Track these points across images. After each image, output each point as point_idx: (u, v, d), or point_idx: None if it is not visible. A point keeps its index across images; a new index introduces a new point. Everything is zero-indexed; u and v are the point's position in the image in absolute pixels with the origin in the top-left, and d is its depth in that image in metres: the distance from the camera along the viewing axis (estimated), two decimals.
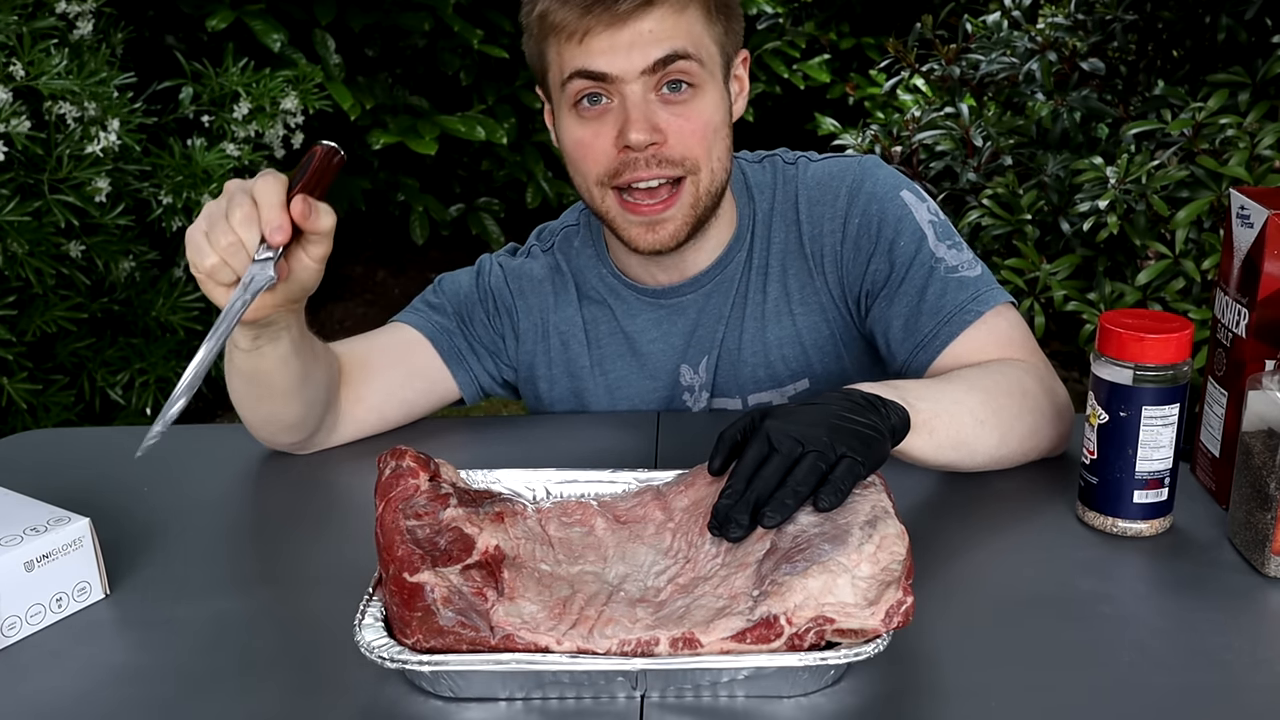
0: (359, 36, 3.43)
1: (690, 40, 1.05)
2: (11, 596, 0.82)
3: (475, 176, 3.91)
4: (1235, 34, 2.27)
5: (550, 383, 1.25)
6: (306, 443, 1.13)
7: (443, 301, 1.23)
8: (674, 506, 0.85)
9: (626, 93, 1.04)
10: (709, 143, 1.08)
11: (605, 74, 1.04)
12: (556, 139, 1.13)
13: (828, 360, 1.20)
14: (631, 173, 1.07)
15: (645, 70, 1.04)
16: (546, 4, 1.05)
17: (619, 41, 1.03)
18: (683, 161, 1.07)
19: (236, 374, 1.04)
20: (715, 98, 1.08)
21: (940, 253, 1.11)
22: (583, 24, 1.03)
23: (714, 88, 1.08)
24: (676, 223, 1.10)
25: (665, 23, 1.03)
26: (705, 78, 1.07)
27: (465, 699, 0.75)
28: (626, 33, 1.02)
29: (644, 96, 1.05)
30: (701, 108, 1.07)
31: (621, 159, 1.06)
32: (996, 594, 0.87)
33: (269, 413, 1.07)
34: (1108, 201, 2.05)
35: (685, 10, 1.04)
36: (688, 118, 1.06)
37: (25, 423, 2.29)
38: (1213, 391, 0.98)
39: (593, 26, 1.02)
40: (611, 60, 1.03)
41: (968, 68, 2.63)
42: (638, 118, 1.04)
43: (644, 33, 1.03)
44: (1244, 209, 0.93)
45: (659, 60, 1.03)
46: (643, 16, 1.02)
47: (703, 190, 1.10)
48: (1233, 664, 0.77)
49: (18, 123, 2.07)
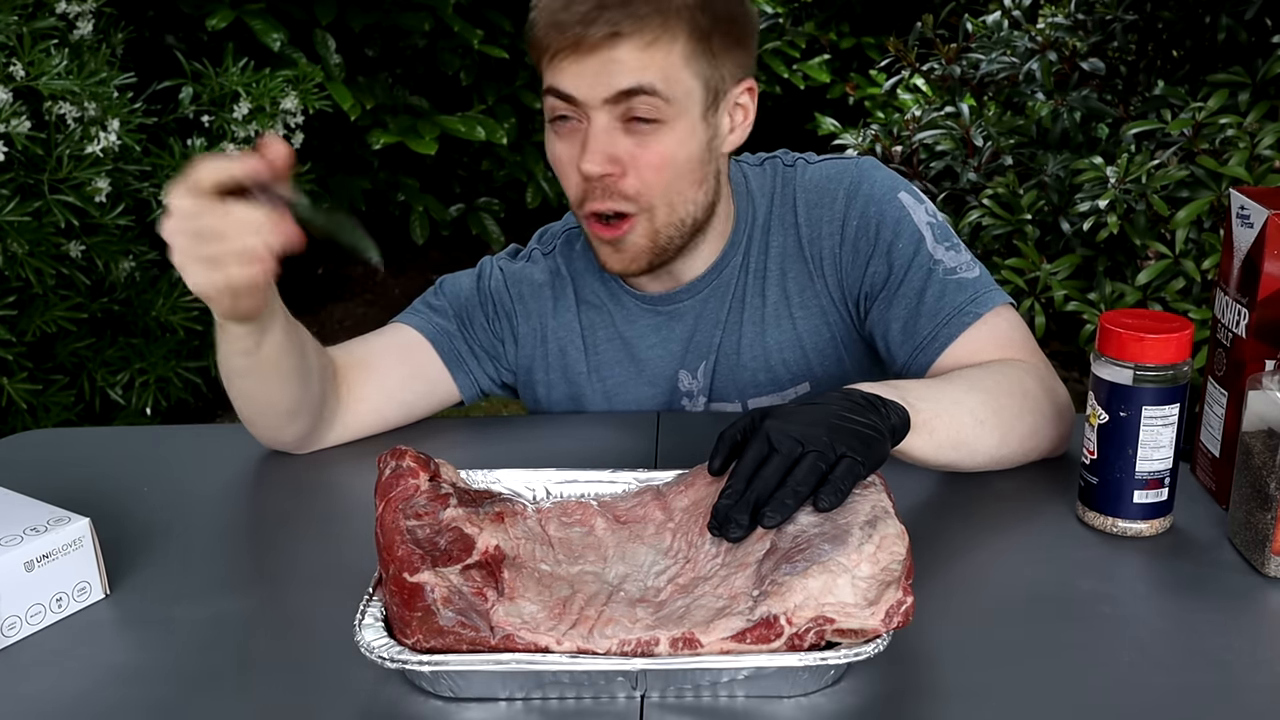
0: (359, 36, 3.43)
1: (660, 75, 1.03)
2: (11, 596, 0.82)
3: (475, 176, 3.91)
4: (1235, 34, 2.27)
5: (548, 387, 1.25)
6: (306, 438, 1.12)
7: (443, 303, 1.23)
8: (674, 506, 0.85)
9: (592, 117, 1.05)
10: (667, 180, 1.07)
11: (572, 96, 1.04)
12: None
13: (828, 363, 1.20)
14: (591, 203, 1.08)
15: (608, 99, 1.03)
16: (535, 15, 1.06)
17: (585, 67, 1.03)
18: (636, 198, 1.07)
19: (245, 376, 1.04)
20: (683, 134, 1.07)
21: (939, 254, 1.11)
22: (555, 43, 1.03)
23: (684, 123, 1.07)
24: (635, 249, 1.11)
25: (635, 55, 1.02)
26: (674, 114, 1.05)
27: (465, 699, 0.75)
28: (594, 60, 1.02)
29: (608, 124, 1.05)
30: (665, 143, 1.06)
31: (585, 187, 1.08)
32: (996, 594, 0.87)
33: (273, 400, 1.06)
34: (1108, 201, 2.05)
35: (657, 44, 1.03)
36: (649, 149, 1.06)
37: (25, 423, 2.29)
38: (1213, 391, 0.98)
39: (563, 48, 1.03)
40: (578, 85, 1.03)
41: (968, 67, 2.63)
42: (594, 148, 1.05)
43: (611, 61, 1.02)
44: (1244, 209, 0.93)
45: (622, 92, 1.03)
46: (612, 46, 1.02)
47: (659, 225, 1.10)
48: (1233, 664, 0.77)
49: (18, 123, 2.07)
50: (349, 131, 3.46)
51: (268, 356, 1.01)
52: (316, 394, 1.09)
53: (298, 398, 1.07)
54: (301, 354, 1.04)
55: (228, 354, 1.01)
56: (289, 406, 1.08)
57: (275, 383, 1.04)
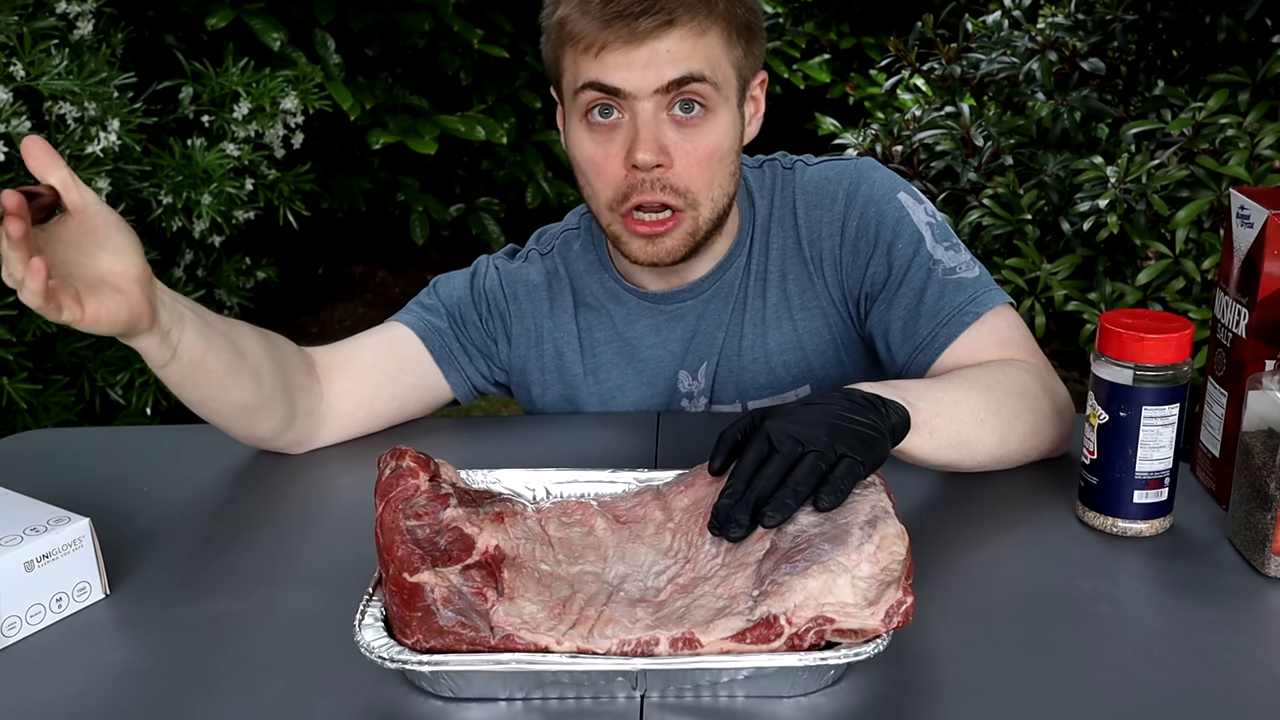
0: (359, 36, 3.43)
1: (708, 63, 1.04)
2: (11, 596, 0.82)
3: (475, 176, 3.91)
4: (1235, 34, 2.27)
5: (543, 388, 1.25)
6: (289, 436, 1.11)
7: (436, 302, 1.23)
8: (674, 506, 0.85)
9: (638, 109, 1.04)
10: (711, 171, 1.08)
11: (619, 89, 1.03)
12: (565, 143, 1.13)
13: (828, 364, 1.19)
14: (638, 196, 1.07)
15: (659, 89, 1.03)
16: (566, 10, 1.04)
17: (635, 58, 1.02)
18: (685, 193, 1.07)
19: (181, 386, 1.02)
20: (727, 122, 1.08)
21: (938, 254, 1.11)
22: (601, 37, 1.02)
23: (726, 112, 1.08)
24: (675, 241, 1.10)
25: (684, 44, 1.03)
26: (719, 101, 1.06)
27: (465, 699, 0.75)
28: (644, 50, 1.02)
29: (655, 115, 1.04)
30: (710, 132, 1.07)
31: (629, 180, 1.06)
32: (996, 594, 0.87)
33: (224, 401, 1.04)
34: (1108, 201, 2.05)
35: (706, 33, 1.04)
36: (695, 142, 1.06)
37: (25, 423, 2.29)
38: (1213, 391, 0.98)
39: (610, 41, 1.02)
40: (626, 76, 1.03)
41: (968, 67, 2.63)
42: (647, 137, 1.04)
43: (661, 51, 1.02)
44: (1244, 209, 0.93)
45: (674, 81, 1.03)
46: (662, 36, 1.02)
47: (702, 221, 1.10)
48: (1233, 664, 0.77)
49: (18, 123, 2.07)
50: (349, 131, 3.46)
51: (190, 362, 0.98)
52: (275, 388, 1.07)
53: (250, 394, 1.05)
54: (235, 351, 1.02)
55: (154, 369, 0.99)
56: (245, 404, 1.05)
57: (214, 385, 1.02)
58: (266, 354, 1.06)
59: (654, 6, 1.01)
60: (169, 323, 0.95)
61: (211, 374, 1.01)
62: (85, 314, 0.87)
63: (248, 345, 1.04)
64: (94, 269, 0.89)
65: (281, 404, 1.08)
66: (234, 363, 1.02)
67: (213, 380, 1.01)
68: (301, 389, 1.11)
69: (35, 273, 0.82)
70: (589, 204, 1.13)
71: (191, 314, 0.98)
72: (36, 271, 0.82)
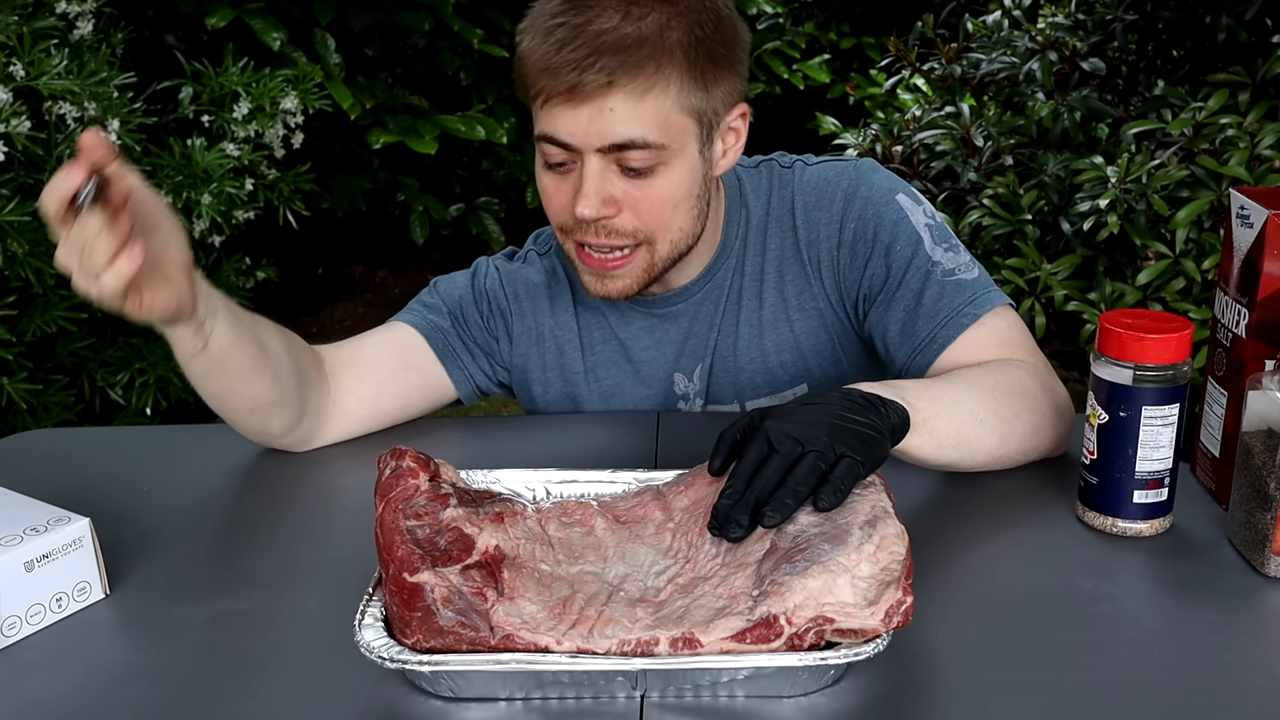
0: (359, 36, 3.43)
1: (654, 125, 1.02)
2: (11, 596, 0.82)
3: (475, 176, 3.91)
4: (1235, 34, 2.27)
5: (545, 386, 1.25)
6: (297, 433, 1.12)
7: (438, 301, 1.23)
8: (674, 506, 0.85)
9: (586, 161, 1.04)
10: (666, 216, 1.07)
11: (566, 144, 1.03)
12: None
13: (826, 365, 1.19)
14: (582, 235, 1.08)
15: (601, 149, 1.03)
16: (526, 47, 1.03)
17: (580, 115, 1.01)
18: (634, 234, 1.07)
19: (205, 378, 1.03)
20: (683, 171, 1.06)
21: (937, 256, 1.11)
22: (547, 86, 1.01)
23: (683, 161, 1.06)
24: (626, 280, 1.10)
25: (627, 105, 1.01)
26: (670, 156, 1.04)
27: (465, 699, 0.75)
28: (586, 108, 1.01)
29: (602, 169, 1.04)
30: (663, 182, 1.05)
31: (577, 220, 1.07)
32: (996, 594, 0.87)
33: (243, 396, 1.05)
34: (1108, 201, 2.05)
35: (650, 92, 1.01)
36: (646, 191, 1.05)
37: (25, 423, 2.29)
38: (1213, 391, 0.98)
39: (555, 93, 1.01)
40: (571, 131, 1.02)
41: (968, 67, 2.63)
42: (589, 191, 1.03)
43: (605, 110, 1.01)
44: (1244, 209, 0.93)
45: (614, 145, 1.02)
46: (605, 95, 1.00)
47: (659, 256, 1.10)
48: (1233, 664, 0.77)
49: (18, 123, 2.07)
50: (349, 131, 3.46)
51: (219, 353, 0.99)
52: (291, 385, 1.07)
53: (269, 390, 1.06)
54: (259, 346, 1.03)
55: (181, 359, 1.00)
56: (262, 400, 1.06)
57: (237, 379, 1.03)
58: (286, 351, 1.07)
59: (595, 64, 0.99)
60: (205, 312, 0.97)
61: (236, 367, 1.02)
62: (144, 303, 0.89)
63: (270, 341, 1.05)
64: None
65: (295, 401, 1.09)
66: (258, 357, 1.03)
67: (236, 374, 1.02)
68: (313, 387, 1.11)
69: (137, 256, 0.83)
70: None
71: (224, 306, 0.99)
72: (138, 255, 0.83)
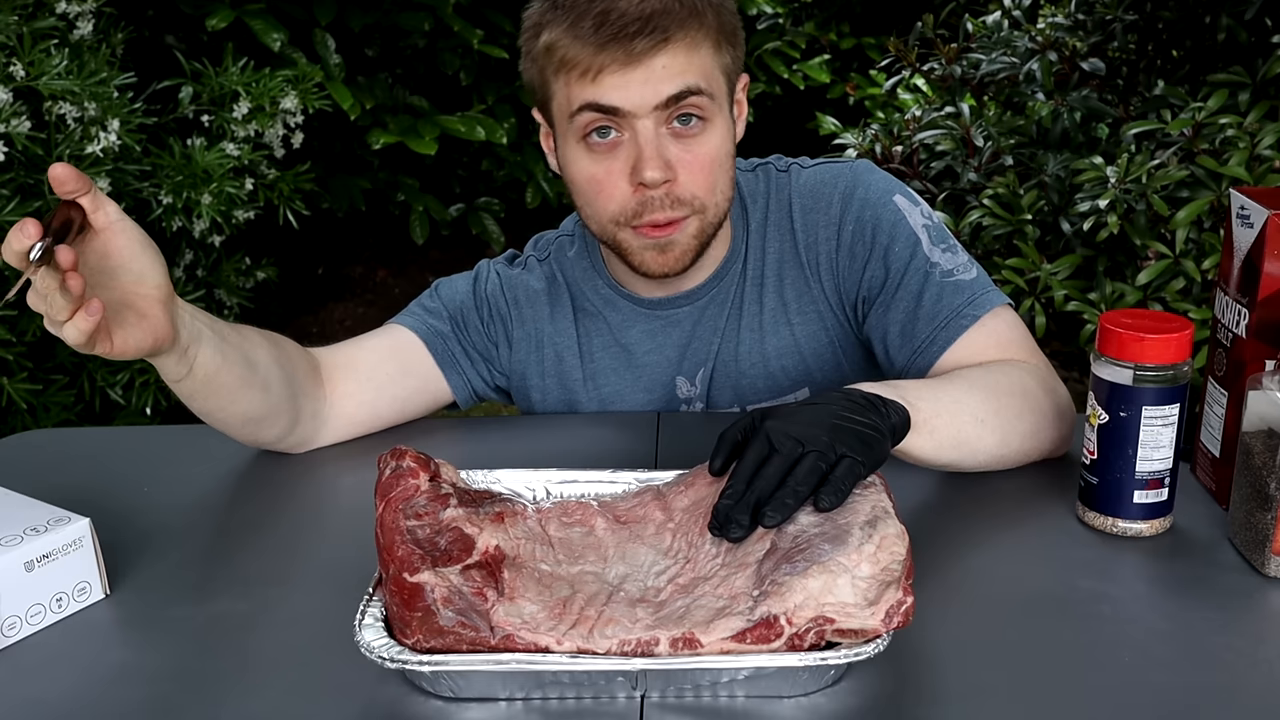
0: (359, 36, 3.43)
1: (703, 75, 1.05)
2: (11, 596, 0.82)
3: (475, 176, 3.91)
4: (1235, 34, 2.27)
5: (543, 393, 1.25)
6: (292, 439, 1.12)
7: (438, 305, 1.23)
8: (674, 506, 0.85)
9: (638, 127, 1.04)
10: (714, 178, 1.09)
11: (618, 109, 1.03)
12: (558, 165, 1.13)
13: (826, 368, 1.19)
14: (650, 214, 1.07)
15: (658, 106, 1.03)
16: (554, 36, 1.04)
17: (633, 78, 1.02)
18: (691, 201, 1.08)
19: (192, 399, 1.02)
20: (723, 129, 1.09)
21: (935, 257, 1.11)
22: (596, 61, 1.02)
23: (721, 119, 1.08)
24: (683, 246, 1.10)
25: (679, 59, 1.03)
26: (714, 110, 1.07)
27: (465, 699, 0.75)
28: (640, 70, 1.02)
29: (655, 131, 1.04)
30: (709, 140, 1.07)
31: (639, 199, 1.06)
32: (996, 594, 0.87)
33: (233, 413, 1.05)
34: (1108, 201, 2.05)
35: (699, 45, 1.04)
36: (696, 152, 1.07)
37: (25, 423, 2.29)
38: (1213, 391, 0.98)
39: (606, 64, 1.02)
40: (625, 96, 1.03)
41: (968, 67, 2.63)
42: (651, 154, 1.04)
43: (657, 69, 1.02)
44: (1244, 209, 0.93)
45: (672, 96, 1.03)
46: (657, 53, 1.02)
47: (707, 223, 1.11)
48: (1233, 664, 0.77)
49: (18, 123, 2.07)
50: (349, 131, 3.46)
51: (205, 377, 0.99)
52: (283, 397, 1.07)
53: (259, 405, 1.05)
54: (247, 365, 1.02)
55: (167, 382, 1.00)
56: (252, 414, 1.06)
57: (225, 398, 1.03)
58: (276, 364, 1.07)
59: (648, 26, 1.01)
60: (188, 340, 0.96)
61: (224, 388, 1.02)
62: (114, 345, 0.88)
63: (259, 357, 1.04)
64: (117, 290, 0.90)
65: (287, 412, 1.09)
66: (246, 376, 1.02)
67: (224, 394, 1.02)
68: (307, 395, 1.11)
69: (94, 313, 0.83)
70: (588, 222, 1.13)
71: (209, 330, 0.99)
72: (95, 312, 0.83)
